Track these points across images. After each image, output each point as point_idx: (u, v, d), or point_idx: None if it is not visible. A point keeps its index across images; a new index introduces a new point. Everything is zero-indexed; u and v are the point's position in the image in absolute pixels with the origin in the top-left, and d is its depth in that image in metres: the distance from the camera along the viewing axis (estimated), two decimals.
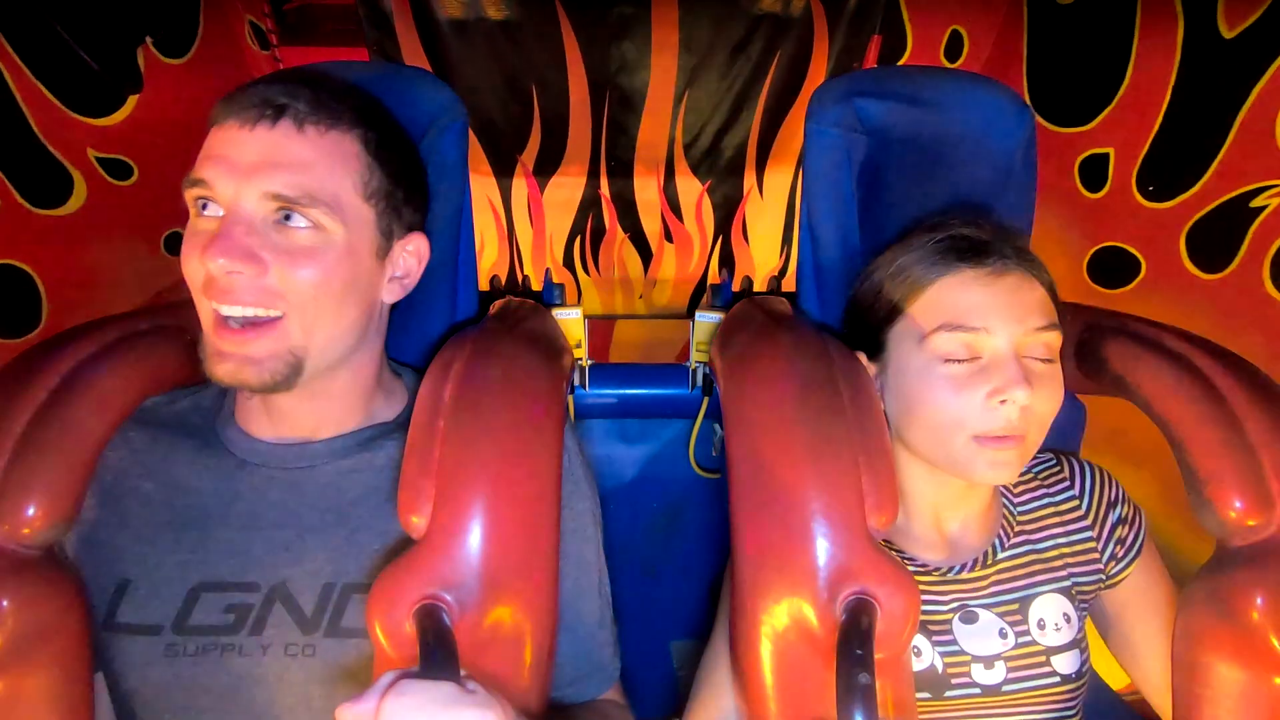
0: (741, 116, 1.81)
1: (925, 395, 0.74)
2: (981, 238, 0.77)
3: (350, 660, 0.68)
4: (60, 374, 0.70)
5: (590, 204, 1.95)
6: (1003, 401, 0.71)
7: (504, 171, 1.88)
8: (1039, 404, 0.72)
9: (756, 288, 1.15)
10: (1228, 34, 1.01)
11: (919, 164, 0.98)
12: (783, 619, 0.61)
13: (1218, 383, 0.72)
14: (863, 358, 0.82)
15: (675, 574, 1.18)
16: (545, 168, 1.87)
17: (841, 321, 0.91)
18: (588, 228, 1.99)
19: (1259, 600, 0.65)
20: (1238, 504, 0.67)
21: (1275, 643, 0.63)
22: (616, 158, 1.87)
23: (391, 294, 0.77)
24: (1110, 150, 1.22)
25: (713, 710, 0.78)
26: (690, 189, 1.94)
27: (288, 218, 0.67)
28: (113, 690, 0.71)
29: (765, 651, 0.63)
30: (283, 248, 0.66)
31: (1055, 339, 0.74)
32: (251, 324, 0.66)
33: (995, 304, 0.73)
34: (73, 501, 0.68)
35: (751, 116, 1.81)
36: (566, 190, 1.92)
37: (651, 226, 2.00)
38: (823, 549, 0.60)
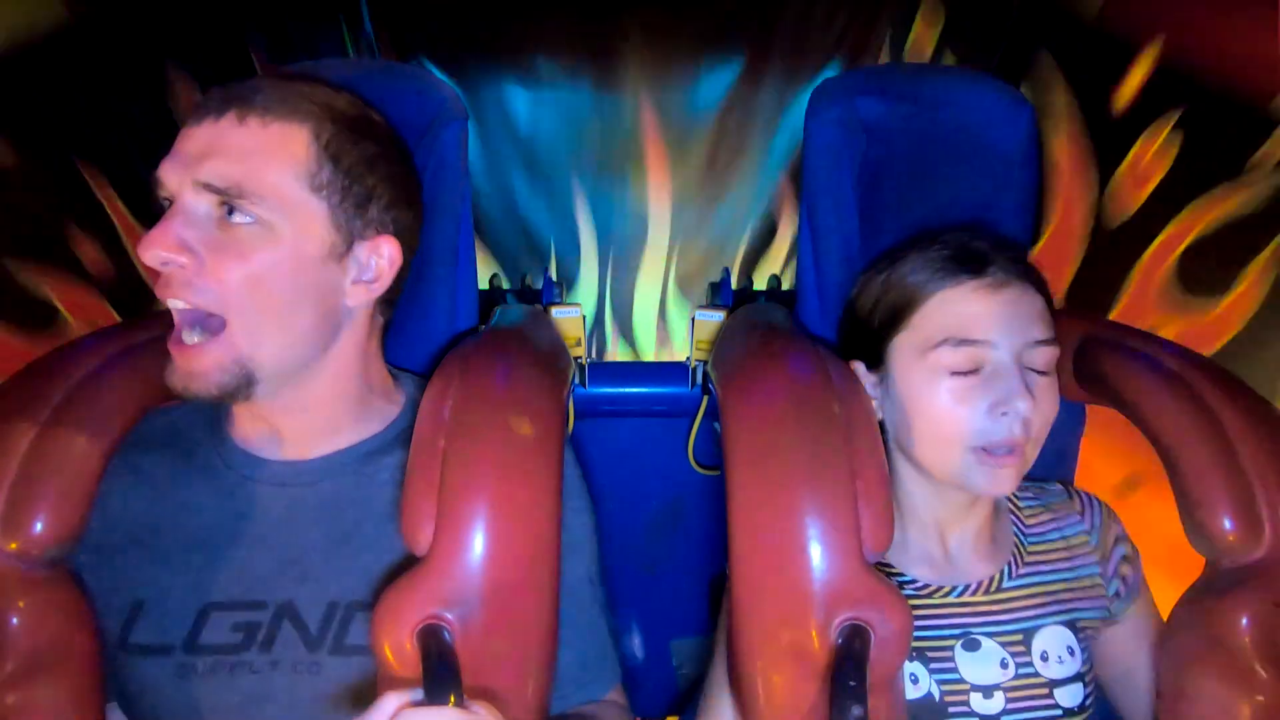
0: None
1: (928, 407, 0.75)
2: (980, 248, 0.77)
3: (355, 678, 0.69)
4: (64, 389, 0.70)
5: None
6: (1004, 413, 0.71)
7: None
8: (1039, 416, 0.73)
9: (756, 286, 1.15)
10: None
11: (919, 163, 0.97)
12: (777, 642, 0.62)
13: (1213, 404, 0.72)
14: (861, 367, 0.82)
15: (675, 572, 1.19)
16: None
17: (838, 329, 0.91)
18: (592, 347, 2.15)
19: (1244, 622, 0.66)
20: (1228, 527, 0.68)
21: (1259, 665, 0.65)
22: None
23: (357, 298, 0.72)
24: None
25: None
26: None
27: (230, 213, 0.65)
28: (127, 711, 0.72)
29: (761, 673, 0.64)
30: (218, 243, 0.64)
31: (1054, 353, 0.75)
32: (199, 346, 0.66)
33: (997, 316, 0.73)
34: (80, 517, 0.68)
35: None
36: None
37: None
38: (817, 574, 0.60)
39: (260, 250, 0.65)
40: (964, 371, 0.73)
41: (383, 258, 0.73)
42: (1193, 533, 0.71)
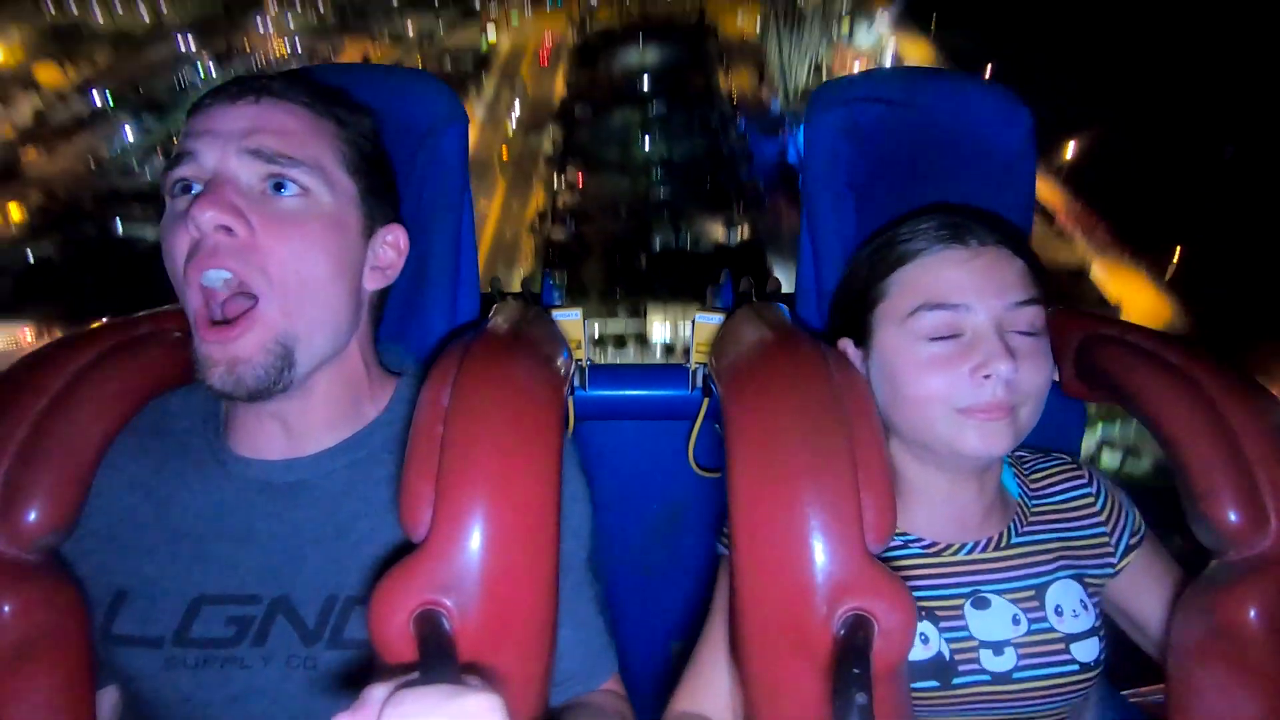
0: None
1: (909, 375, 0.76)
2: (956, 218, 0.78)
3: (352, 671, 0.69)
4: (61, 380, 0.70)
5: None
6: (987, 376, 0.72)
7: None
8: (1026, 378, 0.73)
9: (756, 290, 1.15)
10: None
11: (917, 165, 0.98)
12: (780, 633, 0.62)
13: (1216, 396, 0.72)
14: (849, 344, 0.83)
15: (675, 574, 1.18)
16: None
17: (828, 310, 0.92)
18: None
19: (1252, 613, 0.66)
20: (1233, 519, 0.68)
21: (1267, 655, 0.64)
22: None
23: (373, 282, 0.77)
24: None
25: (706, 688, 0.79)
26: None
27: (277, 188, 0.68)
28: (122, 698, 0.72)
29: (764, 663, 0.63)
30: (268, 214, 0.67)
31: (1038, 313, 0.76)
32: (231, 322, 0.66)
33: (973, 281, 0.74)
34: (73, 507, 0.69)
35: None
36: None
37: None
38: (820, 565, 0.60)
39: (308, 220, 0.69)
40: (943, 336, 0.74)
41: (391, 245, 0.78)
42: (1198, 524, 0.71)
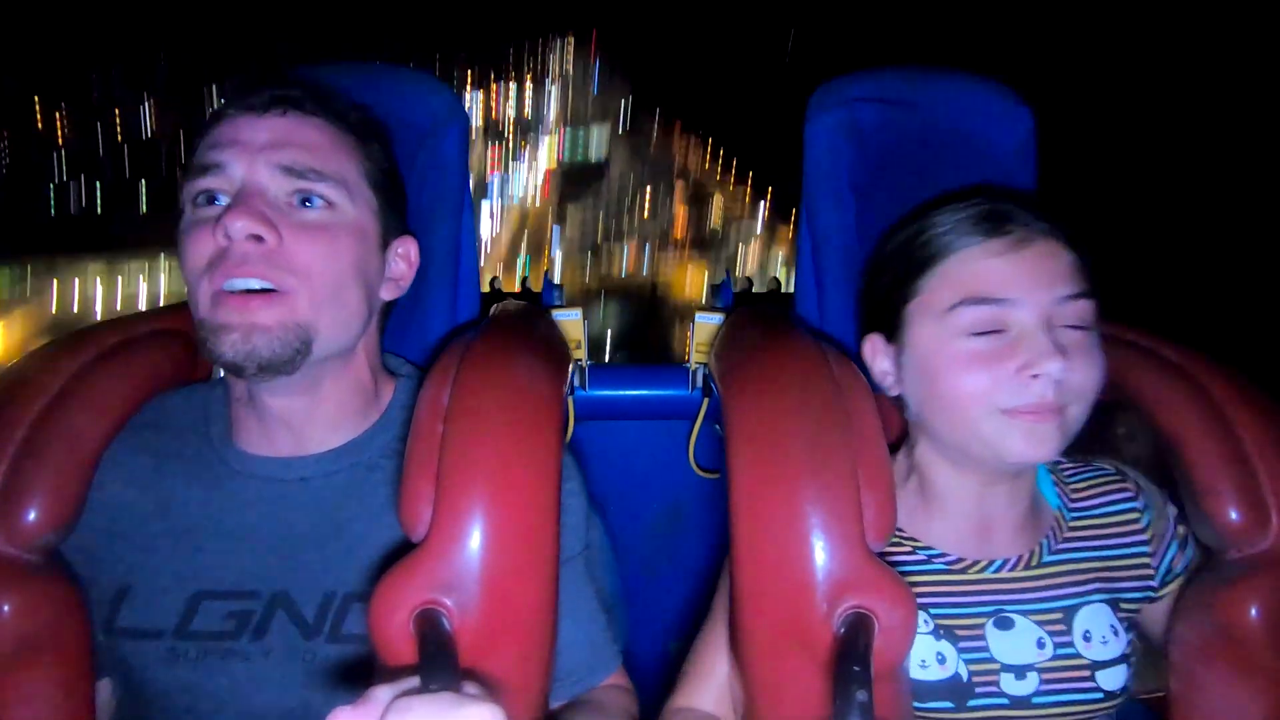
0: None
1: (949, 373, 0.71)
2: (1001, 206, 0.73)
3: (351, 665, 0.69)
4: (61, 379, 0.71)
5: None
6: (1034, 376, 0.67)
7: None
8: (1076, 376, 0.68)
9: (756, 289, 1.15)
10: None
11: (918, 164, 0.98)
12: (780, 631, 0.62)
13: (1216, 395, 0.72)
14: (879, 339, 0.79)
15: (675, 574, 1.19)
16: None
17: (857, 301, 0.88)
18: None
19: (1253, 612, 0.66)
20: (1234, 516, 0.68)
21: (1269, 653, 0.65)
22: None
23: (387, 292, 0.80)
24: None
25: (705, 682, 0.78)
26: None
27: (305, 201, 0.70)
28: (119, 693, 0.72)
29: (764, 662, 0.63)
30: (297, 224, 0.69)
31: (1089, 307, 0.70)
32: (261, 300, 0.67)
33: (1020, 274, 0.69)
34: (73, 506, 0.69)
35: None
36: None
37: None
38: (819, 562, 0.60)
39: (334, 229, 0.71)
40: (985, 331, 0.69)
41: (403, 257, 0.81)
42: (1199, 522, 0.71)
